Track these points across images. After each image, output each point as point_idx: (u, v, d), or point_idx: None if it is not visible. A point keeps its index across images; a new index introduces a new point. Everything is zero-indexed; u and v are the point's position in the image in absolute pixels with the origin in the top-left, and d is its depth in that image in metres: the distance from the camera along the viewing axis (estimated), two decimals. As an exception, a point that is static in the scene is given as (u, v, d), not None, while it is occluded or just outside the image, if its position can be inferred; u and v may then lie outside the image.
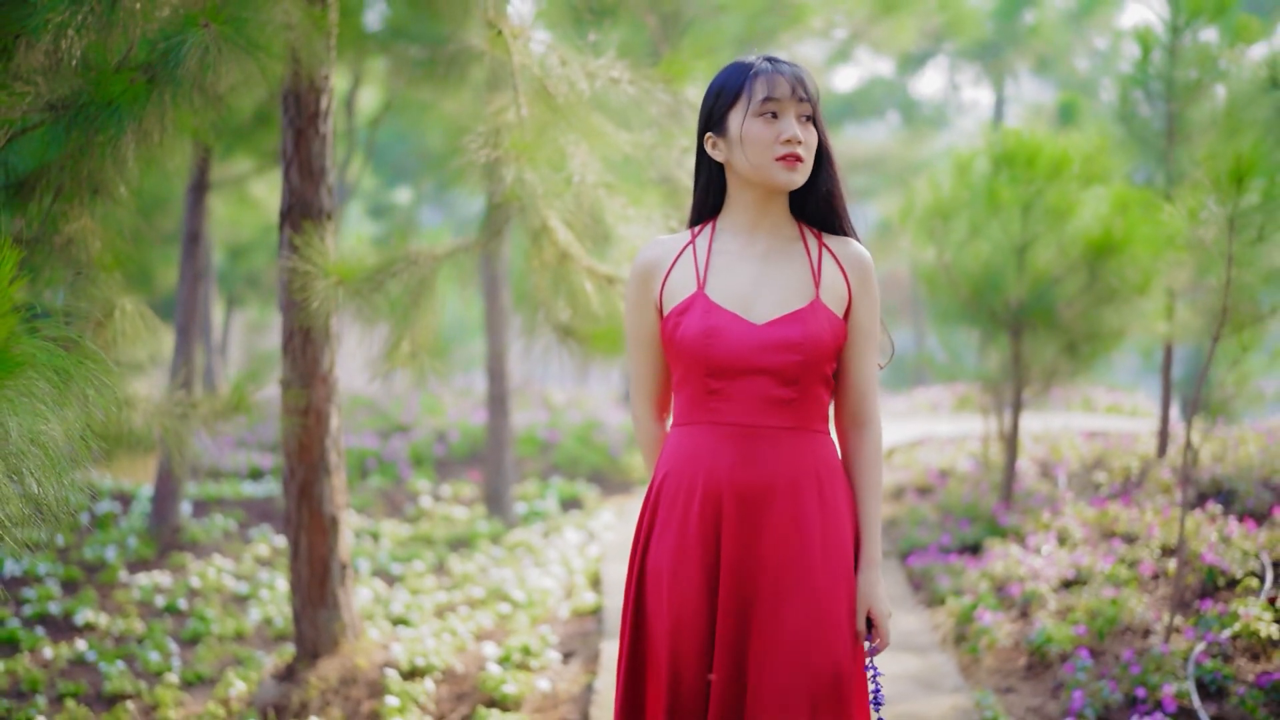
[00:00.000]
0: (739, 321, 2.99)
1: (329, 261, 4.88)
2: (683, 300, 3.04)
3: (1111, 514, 7.74)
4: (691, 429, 3.04)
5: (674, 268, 3.08)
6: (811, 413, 3.02)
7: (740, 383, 2.97)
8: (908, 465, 11.36)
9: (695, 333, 2.98)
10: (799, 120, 2.98)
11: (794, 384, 2.98)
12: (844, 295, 3.05)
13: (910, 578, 7.85)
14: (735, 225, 3.09)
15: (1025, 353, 8.22)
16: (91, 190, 4.64)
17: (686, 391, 3.05)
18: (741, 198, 3.07)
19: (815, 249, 3.08)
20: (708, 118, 3.07)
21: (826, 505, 3.00)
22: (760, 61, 3.03)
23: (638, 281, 3.12)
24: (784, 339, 2.97)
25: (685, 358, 3.01)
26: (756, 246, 3.07)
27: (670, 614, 2.98)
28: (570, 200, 5.04)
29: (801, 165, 2.97)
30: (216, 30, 4.21)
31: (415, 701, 5.63)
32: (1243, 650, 5.57)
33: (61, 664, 6.49)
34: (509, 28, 5.15)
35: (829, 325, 3.00)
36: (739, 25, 11.35)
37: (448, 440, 13.59)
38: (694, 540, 2.98)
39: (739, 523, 2.96)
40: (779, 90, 2.96)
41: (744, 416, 2.98)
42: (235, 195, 14.73)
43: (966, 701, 5.59)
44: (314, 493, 5.83)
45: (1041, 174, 7.91)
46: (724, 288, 3.03)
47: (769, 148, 2.95)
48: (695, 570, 2.97)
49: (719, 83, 3.05)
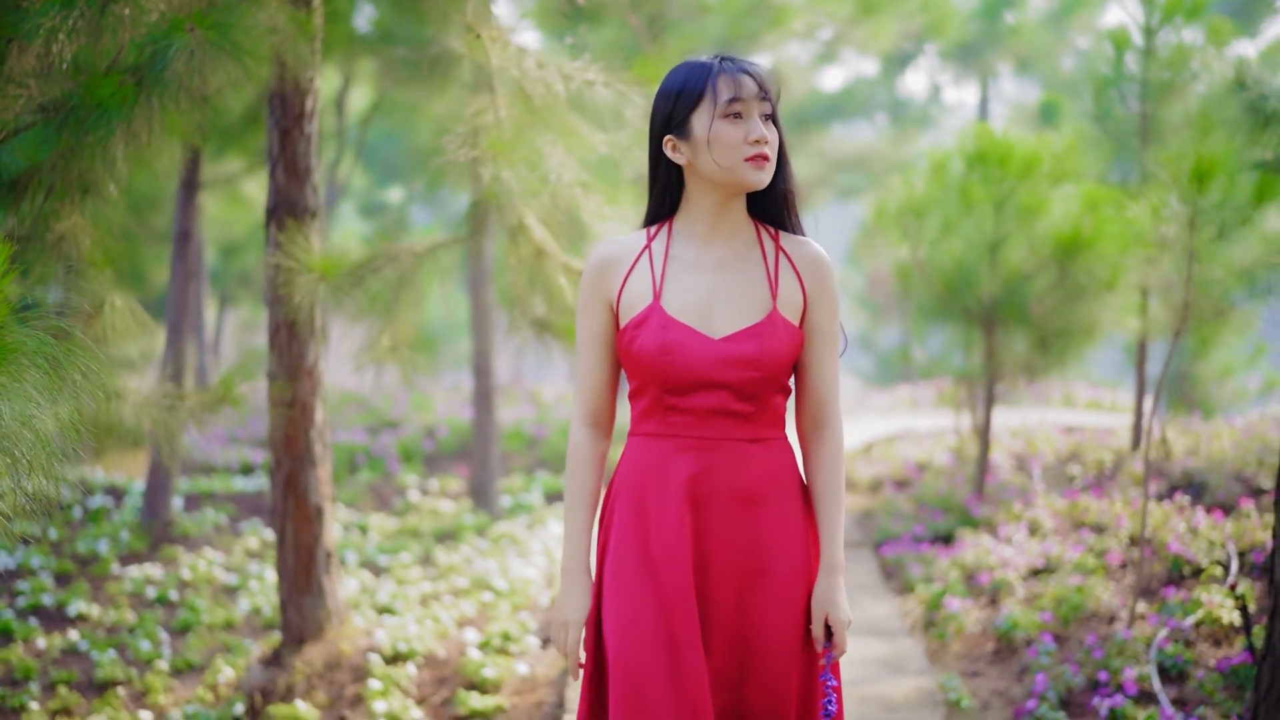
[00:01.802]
0: (696, 336, 2.93)
1: (312, 258, 5.04)
2: (639, 312, 2.97)
3: (1082, 505, 7.90)
4: (648, 440, 2.99)
5: (632, 273, 3.01)
6: (769, 421, 2.99)
7: (697, 397, 2.94)
8: (886, 458, 11.53)
9: (652, 348, 2.92)
10: (762, 119, 2.92)
11: (751, 398, 2.95)
12: (800, 301, 3.01)
13: (883, 567, 8.03)
14: (692, 229, 3.02)
15: (998, 348, 8.39)
16: (82, 189, 4.77)
17: (643, 403, 3.00)
18: (701, 200, 3.00)
19: (772, 253, 3.03)
20: (667, 120, 2.97)
21: (784, 510, 2.99)
22: (719, 61, 2.96)
23: (593, 279, 3.03)
24: (741, 355, 2.92)
25: (642, 372, 2.95)
26: (713, 253, 3.00)
27: (628, 626, 2.91)
28: (547, 199, 5.19)
29: (769, 164, 2.93)
30: (201, 35, 4.34)
31: (397, 685, 5.80)
32: (1206, 636, 5.71)
33: (54, 653, 6.63)
34: (488, 31, 5.30)
35: (786, 337, 2.96)
36: (721, 27, 11.49)
37: (436, 436, 13.74)
38: (655, 550, 2.92)
39: (697, 532, 2.93)
40: (744, 90, 2.90)
41: (700, 429, 2.95)
42: (227, 194, 14.84)
43: (930, 684, 5.77)
44: (299, 483, 5.99)
45: (1013, 173, 8.08)
46: (680, 299, 2.96)
47: (738, 149, 2.89)
48: (654, 579, 2.91)
49: (677, 84, 2.96)
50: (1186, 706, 5.16)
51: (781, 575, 2.96)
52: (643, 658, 2.88)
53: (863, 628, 6.67)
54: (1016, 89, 22.68)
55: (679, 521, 2.92)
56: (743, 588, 2.94)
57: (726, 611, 2.94)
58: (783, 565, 2.96)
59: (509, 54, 5.26)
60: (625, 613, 2.92)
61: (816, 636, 2.97)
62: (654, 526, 2.94)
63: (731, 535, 2.95)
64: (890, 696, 5.61)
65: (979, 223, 8.19)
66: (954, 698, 5.51)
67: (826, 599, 2.98)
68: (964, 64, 19.16)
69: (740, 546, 2.95)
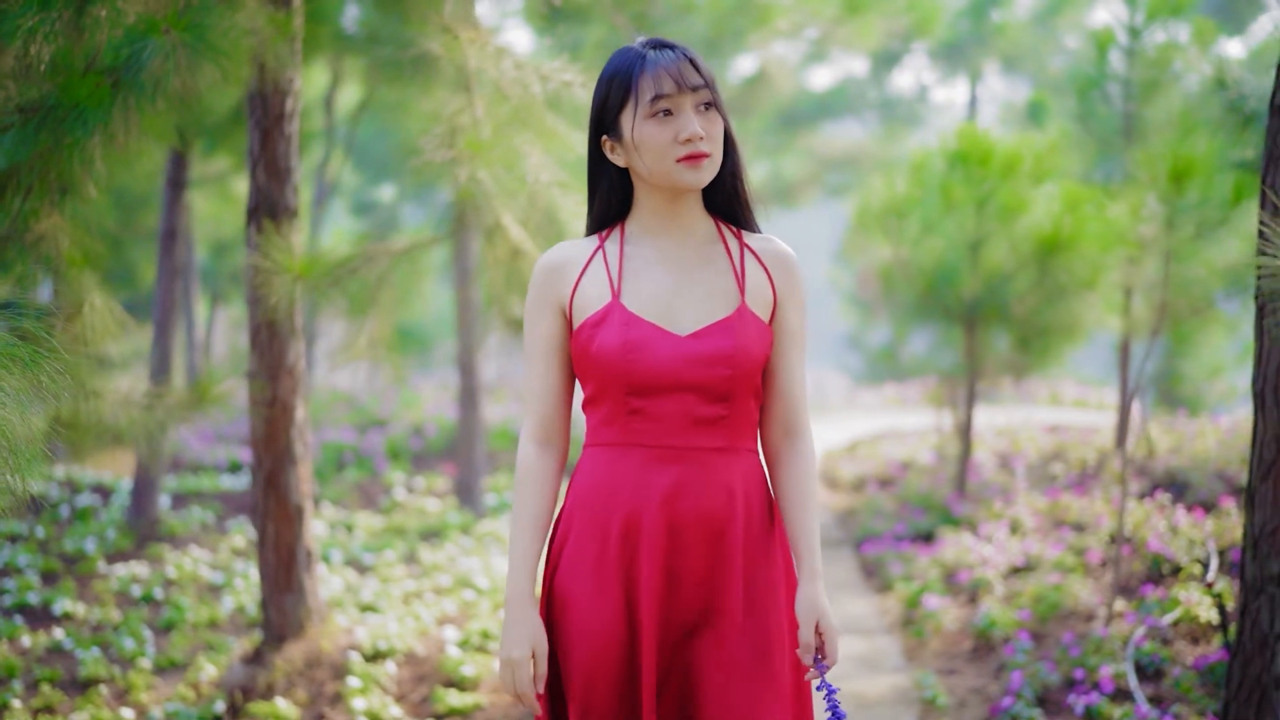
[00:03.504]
0: (661, 333, 2.71)
1: (290, 258, 5.06)
2: (596, 311, 2.74)
3: (1063, 504, 7.95)
4: (609, 450, 2.75)
5: (585, 275, 2.78)
6: (741, 429, 2.76)
7: (664, 400, 2.70)
8: (870, 457, 11.59)
9: (614, 347, 2.69)
10: (697, 110, 2.68)
11: (723, 400, 2.72)
12: (769, 298, 2.79)
13: (863, 565, 8.07)
14: (646, 228, 2.80)
15: (979, 347, 8.43)
16: (60, 190, 4.80)
17: (603, 410, 2.76)
18: (649, 201, 2.78)
19: (736, 248, 2.82)
20: (599, 121, 2.77)
21: (754, 530, 2.77)
22: (643, 51, 2.71)
23: (541, 283, 2.81)
24: (712, 351, 2.70)
25: (602, 374, 2.71)
26: (673, 250, 2.79)
27: (586, 647, 2.71)
28: (524, 199, 5.22)
29: (708, 160, 2.68)
30: (177, 36, 4.37)
31: (376, 683, 5.83)
32: (1184, 634, 5.75)
33: (39, 651, 6.65)
34: (466, 32, 5.34)
35: (758, 333, 2.75)
36: (706, 26, 11.52)
37: (424, 434, 13.77)
38: (609, 574, 2.71)
39: (662, 554, 2.69)
40: (665, 86, 2.65)
41: (669, 437, 2.71)
42: (217, 192, 14.87)
43: (906, 681, 5.81)
44: (280, 482, 6.02)
45: (995, 173, 8.12)
46: (642, 296, 2.74)
47: (668, 149, 2.66)
48: (615, 602, 2.70)
49: (605, 81, 2.74)
50: (1163, 704, 5.20)
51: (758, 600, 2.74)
52: (610, 706, 2.71)
53: (842, 625, 6.71)
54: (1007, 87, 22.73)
55: (638, 547, 2.71)
56: (709, 611, 2.72)
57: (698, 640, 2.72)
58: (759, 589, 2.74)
59: (487, 55, 5.30)
60: (587, 654, 2.71)
61: (806, 645, 2.72)
62: (618, 555, 2.72)
63: (703, 557, 2.72)
64: (866, 694, 5.64)
65: (960, 222, 8.24)
66: (929, 695, 5.54)
67: (814, 606, 2.73)
68: (951, 63, 19.22)
69: (709, 568, 2.72)
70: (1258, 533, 4.28)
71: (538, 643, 2.71)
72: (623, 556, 2.71)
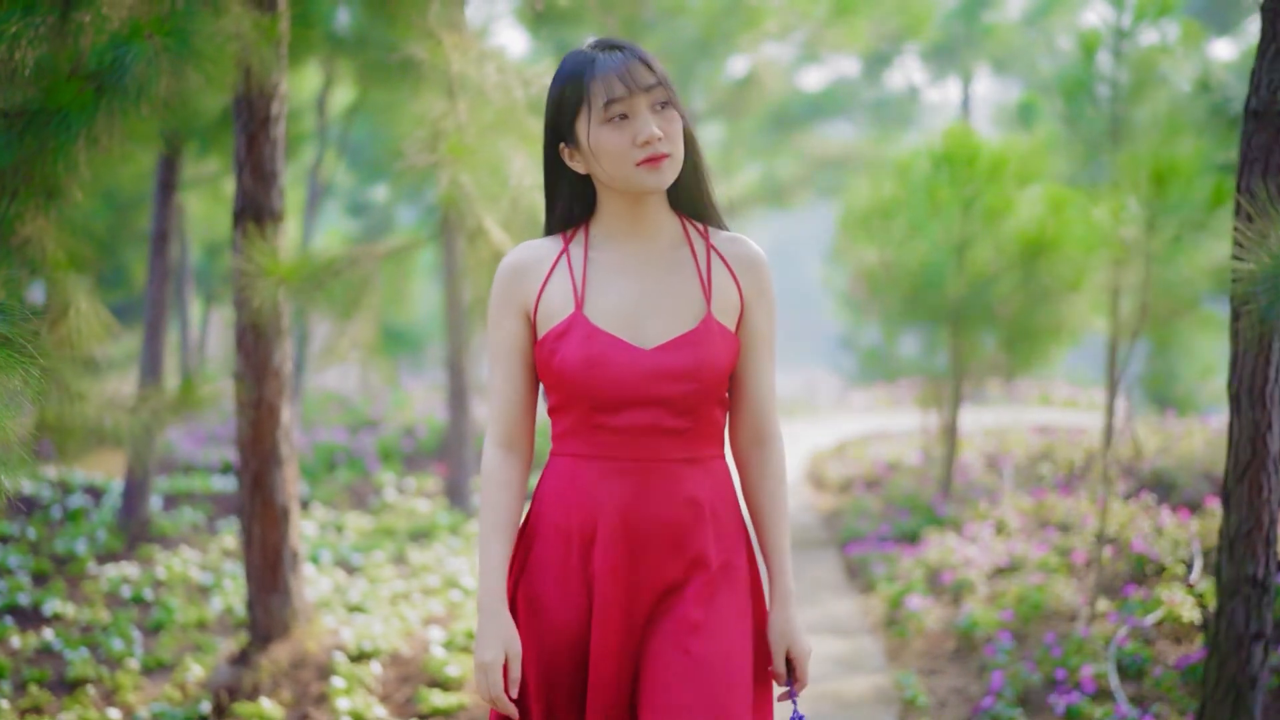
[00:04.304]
0: (624, 347, 2.66)
1: (274, 262, 5.10)
2: (560, 322, 2.69)
3: (1049, 504, 7.99)
4: (572, 461, 2.72)
5: (550, 279, 2.73)
6: (707, 439, 2.72)
7: (627, 415, 2.65)
8: (858, 458, 11.62)
9: (576, 361, 2.65)
10: (653, 110, 2.63)
11: (688, 413, 2.67)
12: (736, 304, 2.74)
13: (847, 566, 8.11)
14: (611, 231, 2.74)
15: (964, 348, 8.47)
16: (45, 194, 4.83)
17: (566, 420, 2.73)
18: (612, 205, 2.72)
19: (703, 251, 2.76)
20: (555, 130, 2.72)
21: (723, 539, 2.72)
22: (592, 54, 2.66)
23: (505, 287, 2.75)
24: (676, 366, 2.65)
25: (565, 389, 2.68)
26: (638, 255, 2.73)
27: (545, 661, 2.70)
28: (506, 203, 5.26)
29: (668, 160, 2.63)
30: (160, 42, 4.40)
31: (361, 683, 5.86)
32: (1167, 635, 5.79)
33: (29, 652, 6.68)
34: (450, 37, 5.38)
35: (724, 345, 2.69)
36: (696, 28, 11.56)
37: (415, 435, 13.81)
38: (571, 585, 2.69)
39: (629, 565, 2.66)
40: (617, 89, 2.60)
41: (632, 450, 2.66)
42: (210, 193, 14.89)
43: (886, 681, 5.84)
44: (266, 483, 6.05)
45: (980, 175, 8.16)
46: (605, 307, 2.69)
47: (626, 154, 2.61)
48: (577, 611, 2.69)
49: (557, 89, 2.69)
50: (1144, 703, 5.24)
51: (722, 609, 2.68)
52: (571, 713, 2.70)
53: (823, 626, 6.75)
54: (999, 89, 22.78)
55: (602, 559, 2.67)
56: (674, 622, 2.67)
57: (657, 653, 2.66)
58: (723, 598, 2.69)
59: (470, 59, 5.33)
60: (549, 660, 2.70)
61: (779, 673, 2.73)
62: (579, 564, 2.69)
63: (666, 568, 2.68)
64: (846, 694, 5.68)
65: (946, 224, 8.28)
66: (910, 695, 5.58)
67: (786, 630, 2.74)
68: (942, 64, 19.26)
69: (672, 579, 2.68)
70: (1233, 534, 4.34)
71: (510, 645, 2.66)
72: (583, 566, 2.68)
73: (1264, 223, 3.87)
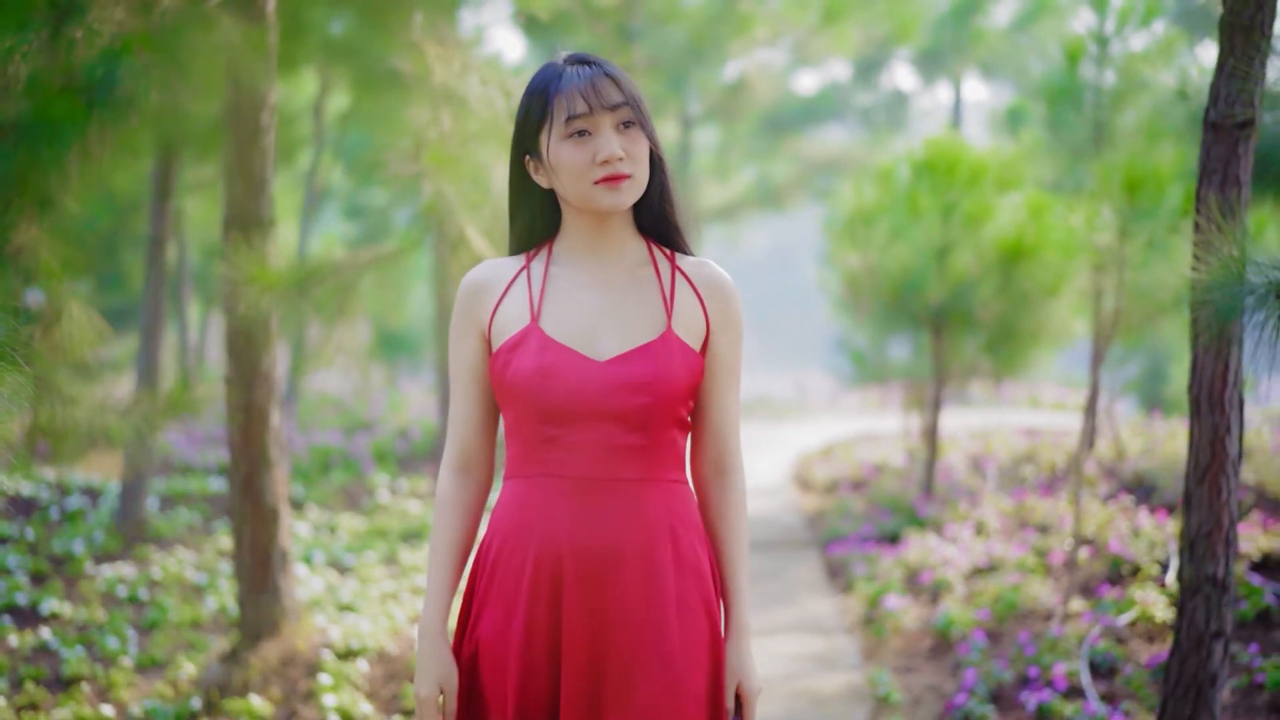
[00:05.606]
0: (578, 359, 2.59)
1: (261, 269, 5.22)
2: (514, 335, 2.64)
3: (1029, 505, 8.10)
4: (526, 482, 2.63)
5: (506, 296, 2.69)
6: (664, 459, 2.63)
7: (581, 429, 2.58)
8: (845, 459, 11.74)
9: (528, 372, 2.59)
10: (617, 129, 2.58)
11: (643, 429, 2.59)
12: (701, 326, 2.68)
13: (828, 566, 8.22)
14: (573, 249, 2.70)
15: (945, 352, 8.59)
16: (39, 204, 4.94)
17: (520, 440, 2.64)
18: (576, 222, 2.68)
19: (667, 271, 2.70)
20: (521, 141, 2.68)
21: (683, 566, 2.63)
22: (561, 68, 2.63)
23: (464, 306, 2.71)
24: (630, 378, 2.58)
25: (517, 401, 2.61)
26: (599, 272, 2.68)
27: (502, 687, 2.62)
28: (488, 212, 5.38)
29: (629, 182, 2.58)
30: (149, 57, 4.52)
31: (348, 680, 5.99)
32: (1140, 634, 5.89)
33: (25, 651, 6.79)
34: (433, 48, 5.50)
35: (683, 361, 2.62)
36: (687, 34, 11.65)
37: (410, 437, 13.92)
38: (529, 612, 2.59)
39: (582, 591, 2.57)
40: (578, 106, 2.56)
41: (585, 468, 2.58)
42: (209, 197, 14.95)
43: (861, 679, 5.96)
44: (256, 485, 6.17)
45: (960, 181, 8.27)
46: (562, 320, 2.63)
47: (585, 172, 2.57)
48: (535, 644, 2.60)
49: (526, 100, 2.66)
50: (1114, 701, 5.33)
51: (679, 637, 2.60)
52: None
53: (801, 624, 6.87)
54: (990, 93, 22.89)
55: (554, 586, 2.59)
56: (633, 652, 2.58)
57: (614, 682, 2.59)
58: (682, 625, 2.61)
59: (453, 70, 5.45)
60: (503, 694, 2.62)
61: (728, 708, 2.66)
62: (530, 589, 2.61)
63: (622, 593, 2.59)
64: (820, 691, 5.80)
65: (926, 229, 8.40)
66: (883, 693, 5.70)
67: (739, 666, 2.67)
68: (932, 69, 19.37)
69: (629, 605, 2.59)
70: (1194, 534, 4.43)
71: (446, 681, 2.64)
72: (536, 594, 2.59)
73: (1216, 232, 3.98)
